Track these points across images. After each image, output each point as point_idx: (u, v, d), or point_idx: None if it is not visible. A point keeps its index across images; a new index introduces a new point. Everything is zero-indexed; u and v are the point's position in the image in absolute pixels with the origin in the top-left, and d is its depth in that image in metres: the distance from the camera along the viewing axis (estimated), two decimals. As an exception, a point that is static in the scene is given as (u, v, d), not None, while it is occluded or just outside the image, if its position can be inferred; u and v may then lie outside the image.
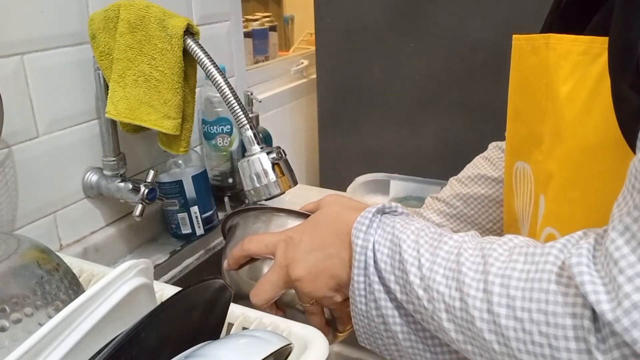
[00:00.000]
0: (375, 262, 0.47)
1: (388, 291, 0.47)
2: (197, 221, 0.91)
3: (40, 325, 0.38)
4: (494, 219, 0.71)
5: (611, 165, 0.40)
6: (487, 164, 0.74)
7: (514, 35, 0.54)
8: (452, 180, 0.76)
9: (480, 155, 0.76)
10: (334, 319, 0.58)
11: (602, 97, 0.39)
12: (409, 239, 0.46)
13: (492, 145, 0.76)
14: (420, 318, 0.45)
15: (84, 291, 0.46)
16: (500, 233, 0.72)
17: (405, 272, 0.45)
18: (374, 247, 0.48)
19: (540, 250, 0.38)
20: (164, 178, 0.89)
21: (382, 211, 0.50)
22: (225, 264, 0.61)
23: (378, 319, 0.48)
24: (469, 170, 0.75)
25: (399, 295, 0.46)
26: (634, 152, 0.37)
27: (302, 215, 0.60)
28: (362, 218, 0.49)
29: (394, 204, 0.51)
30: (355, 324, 0.51)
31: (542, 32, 0.53)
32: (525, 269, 0.38)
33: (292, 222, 0.60)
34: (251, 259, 0.59)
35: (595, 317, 0.34)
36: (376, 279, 0.47)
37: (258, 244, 0.57)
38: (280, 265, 0.54)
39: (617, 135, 0.39)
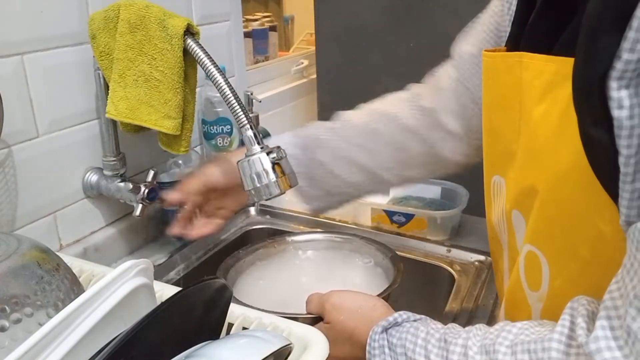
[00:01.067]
0: None
1: None
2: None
3: (40, 325, 0.38)
4: (393, 160, 0.73)
5: (585, 186, 0.40)
6: (399, 103, 0.76)
7: (483, 51, 0.54)
8: (369, 106, 0.77)
9: (395, 93, 0.78)
10: None
11: (574, 118, 0.39)
12: (420, 356, 0.48)
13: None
14: None
15: (84, 291, 0.46)
16: None
17: None
18: None
19: (540, 345, 0.40)
20: (164, 178, 0.89)
21: (386, 328, 0.52)
22: None
23: None
24: (380, 103, 0.77)
25: None
26: (608, 193, 0.37)
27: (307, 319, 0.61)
28: (372, 341, 0.52)
29: (392, 317, 0.53)
30: None
31: (507, 44, 0.53)
32: None
33: None
34: None
35: None
36: None
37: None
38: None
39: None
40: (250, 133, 0.66)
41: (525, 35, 0.50)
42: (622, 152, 0.35)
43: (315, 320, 0.60)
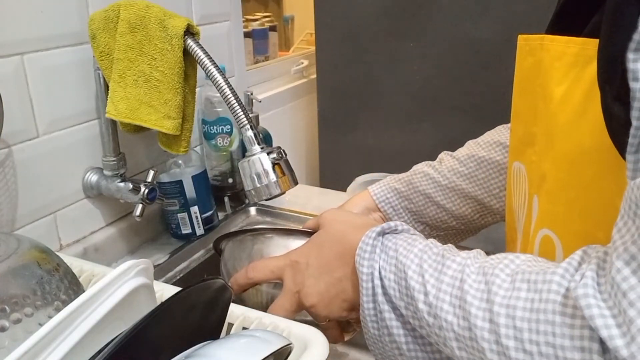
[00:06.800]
0: (383, 287, 0.48)
1: (400, 315, 0.48)
2: (197, 221, 0.91)
3: (40, 325, 0.38)
4: (503, 186, 0.71)
5: (607, 167, 0.40)
6: (507, 132, 0.73)
7: (519, 36, 0.54)
8: (470, 142, 0.76)
9: (503, 125, 0.76)
10: (345, 323, 0.59)
11: (597, 99, 0.39)
12: (413, 263, 0.46)
13: None
14: (435, 342, 0.46)
15: (84, 291, 0.46)
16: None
17: (413, 299, 0.45)
18: (380, 273, 0.48)
19: (542, 277, 0.38)
20: (164, 178, 0.89)
21: (382, 233, 0.50)
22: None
23: (392, 344, 0.49)
24: (488, 136, 0.74)
25: (411, 320, 0.47)
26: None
27: (303, 233, 0.60)
28: (363, 244, 0.50)
29: (392, 223, 0.51)
30: (370, 346, 0.52)
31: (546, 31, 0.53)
32: (530, 297, 0.38)
33: (294, 241, 0.61)
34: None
35: (603, 349, 0.33)
36: (386, 306, 0.48)
37: (264, 270, 0.58)
38: (291, 291, 0.55)
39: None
40: (250, 133, 0.66)
41: (555, 19, 0.50)
42: (634, 123, 0.34)
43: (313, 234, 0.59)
